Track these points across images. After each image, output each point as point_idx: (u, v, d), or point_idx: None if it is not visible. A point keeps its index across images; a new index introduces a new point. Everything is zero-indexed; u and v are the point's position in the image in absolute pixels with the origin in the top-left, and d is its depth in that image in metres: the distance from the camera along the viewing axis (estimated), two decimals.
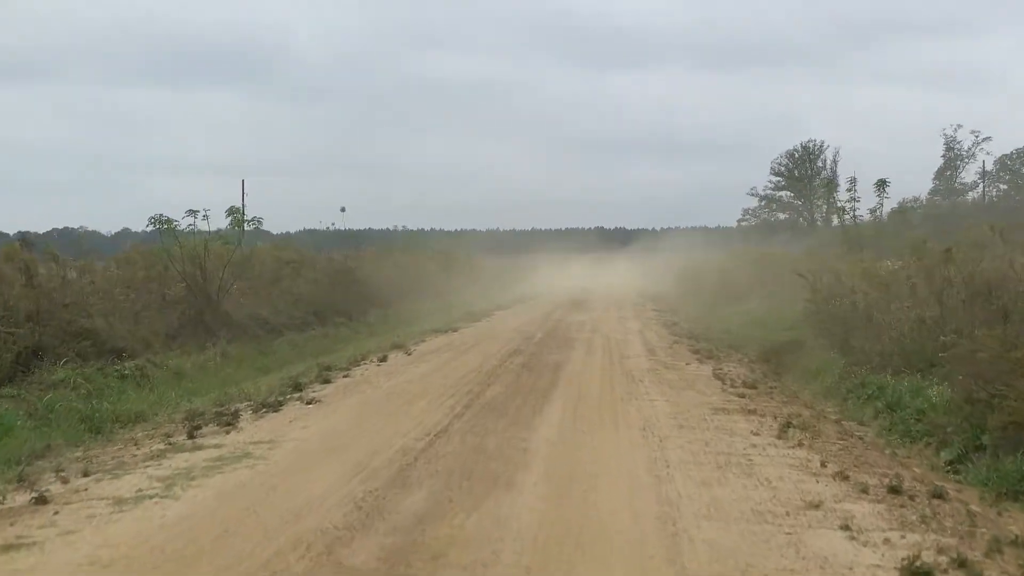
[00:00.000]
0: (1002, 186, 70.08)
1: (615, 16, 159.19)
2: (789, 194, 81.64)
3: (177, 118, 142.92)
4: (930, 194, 65.41)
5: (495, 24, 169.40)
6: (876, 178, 29.02)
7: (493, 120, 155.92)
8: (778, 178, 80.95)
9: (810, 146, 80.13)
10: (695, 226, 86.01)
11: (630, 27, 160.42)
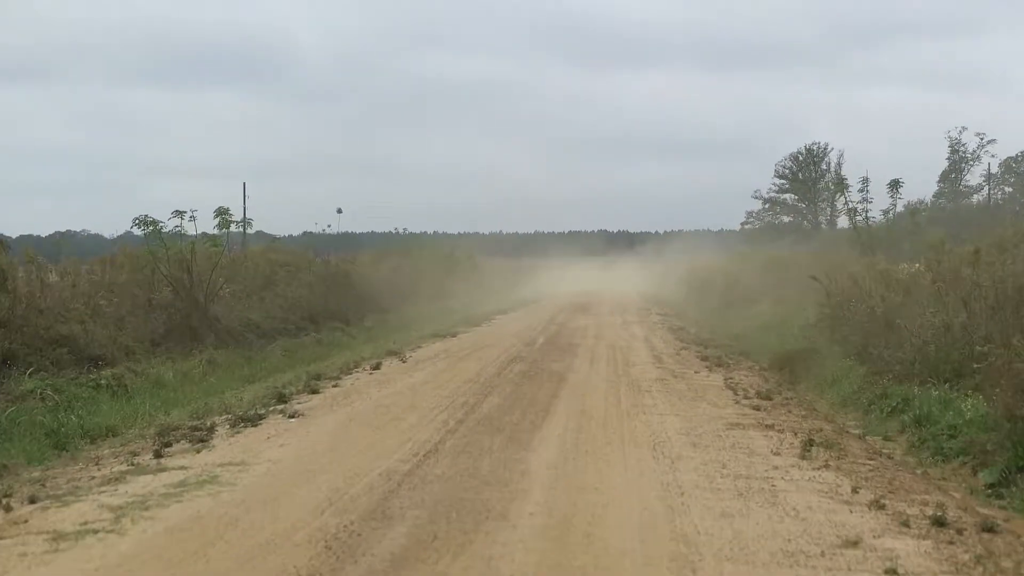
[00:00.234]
0: (1007, 188, 69.27)
1: (618, 16, 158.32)
2: (793, 197, 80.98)
3: (179, 119, 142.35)
4: (935, 197, 64.54)
5: (496, 24, 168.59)
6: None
7: (494, 121, 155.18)
8: (782, 181, 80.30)
9: (814, 148, 79.50)
10: (698, 229, 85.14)
11: (633, 27, 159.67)
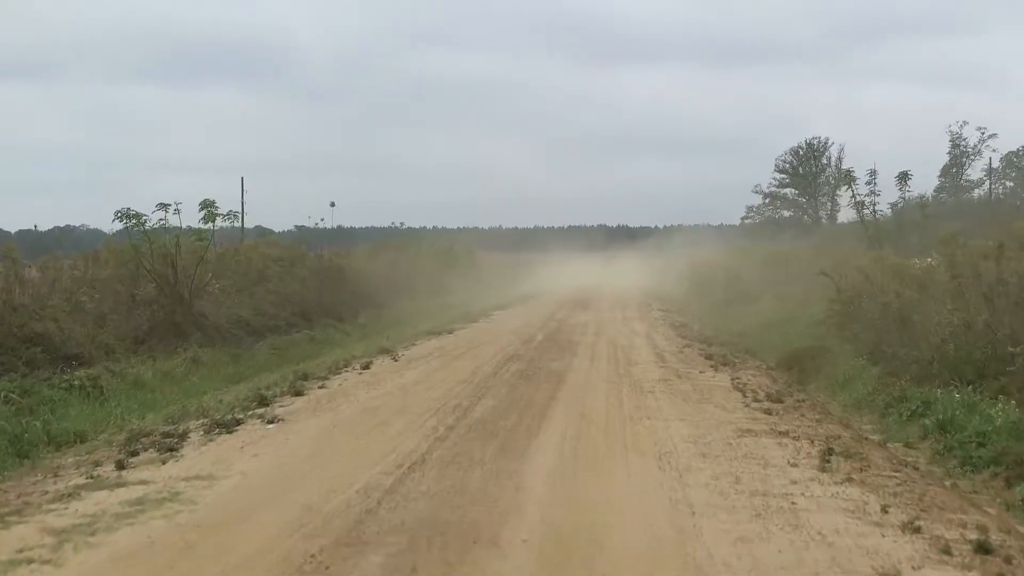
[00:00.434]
0: (1008, 183, 68.58)
1: (618, 14, 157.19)
2: (794, 191, 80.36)
3: (179, 117, 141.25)
4: (936, 191, 63.77)
5: (496, 22, 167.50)
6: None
7: (494, 119, 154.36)
8: (782, 175, 79.64)
9: (815, 143, 78.89)
10: (698, 224, 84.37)
11: (633, 25, 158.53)
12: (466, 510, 7.20)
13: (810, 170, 78.83)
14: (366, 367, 17.33)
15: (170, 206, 20.83)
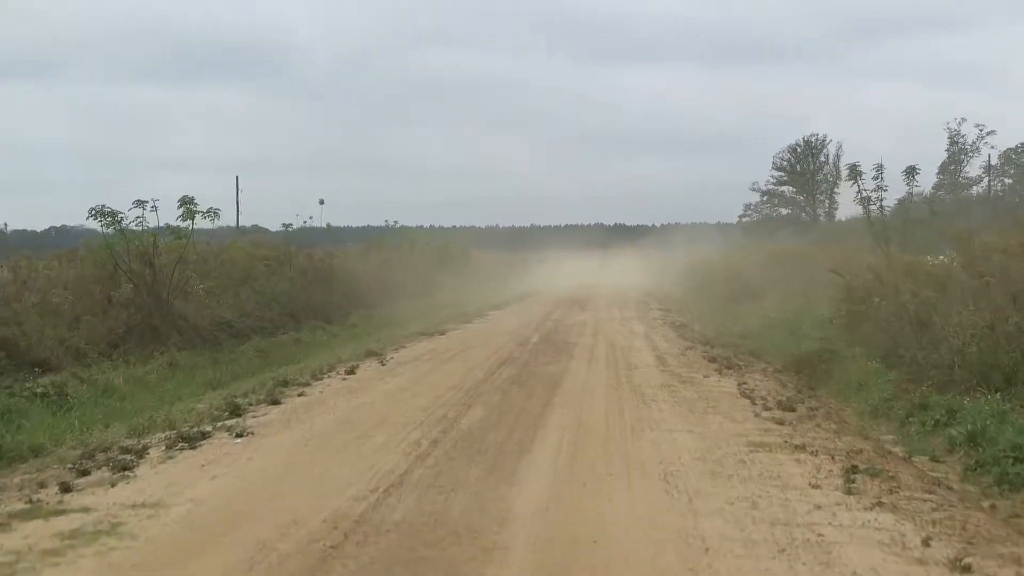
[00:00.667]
0: (1007, 180, 67.93)
1: (616, 11, 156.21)
2: (791, 189, 79.83)
3: (179, 116, 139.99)
4: (934, 188, 63.04)
5: (495, 21, 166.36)
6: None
7: (493, 116, 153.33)
8: (780, 173, 79.16)
9: (812, 140, 78.43)
10: (696, 222, 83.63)
11: (632, 22, 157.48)
12: (445, 547, 6.25)
13: (808, 168, 78.46)
14: (351, 372, 16.40)
15: (147, 203, 19.90)
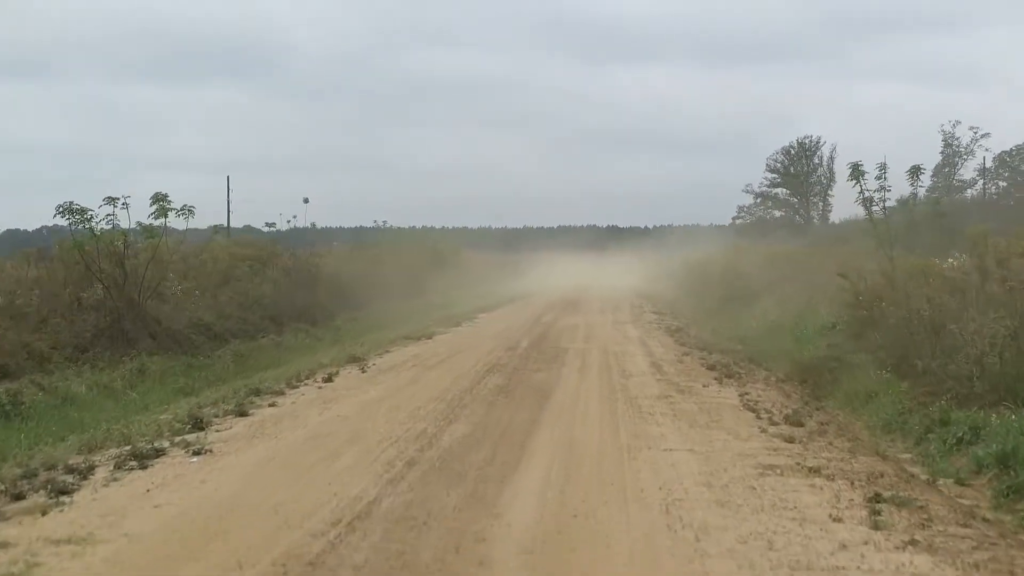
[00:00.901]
0: (1001, 183, 67.37)
1: (611, 11, 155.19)
2: (785, 191, 79.28)
3: (175, 115, 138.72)
4: (928, 191, 62.40)
5: (491, 21, 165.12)
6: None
7: (487, 117, 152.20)
8: (774, 175, 78.65)
9: (806, 142, 77.93)
10: (688, 224, 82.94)
11: (626, 22, 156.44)
12: None
13: (802, 169, 77.90)
14: (328, 380, 15.47)
15: (118, 200, 18.89)
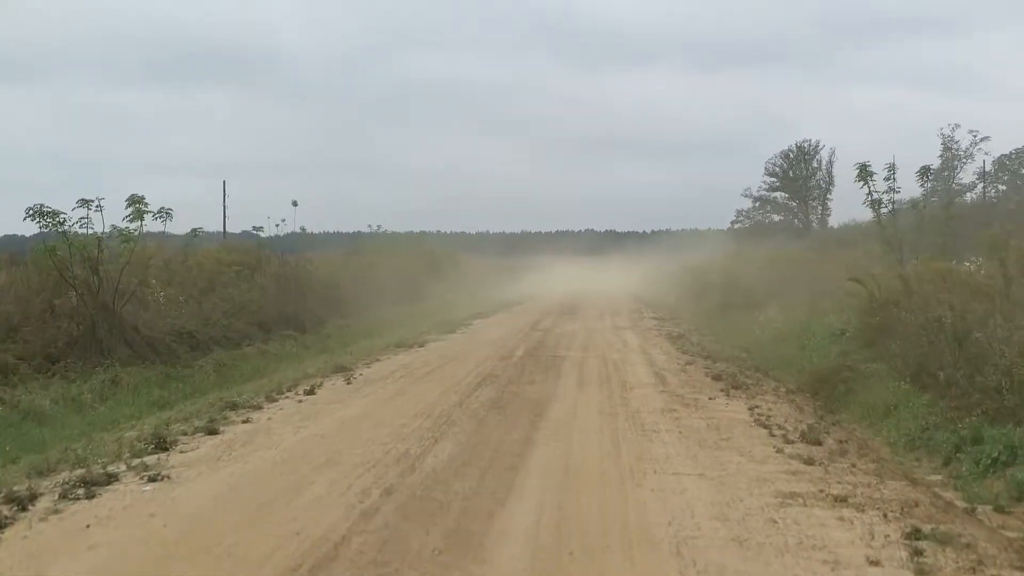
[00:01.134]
0: (1001, 187, 66.62)
1: (607, 15, 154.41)
2: (784, 195, 78.62)
3: (168, 119, 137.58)
4: (926, 195, 61.71)
5: (485, 24, 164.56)
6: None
7: (482, 121, 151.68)
8: (772, 179, 78.01)
9: (805, 146, 77.29)
10: (686, 228, 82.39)
11: (624, 26, 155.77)
12: None
13: (800, 173, 77.26)
14: (311, 392, 14.53)
15: (92, 202, 17.93)
